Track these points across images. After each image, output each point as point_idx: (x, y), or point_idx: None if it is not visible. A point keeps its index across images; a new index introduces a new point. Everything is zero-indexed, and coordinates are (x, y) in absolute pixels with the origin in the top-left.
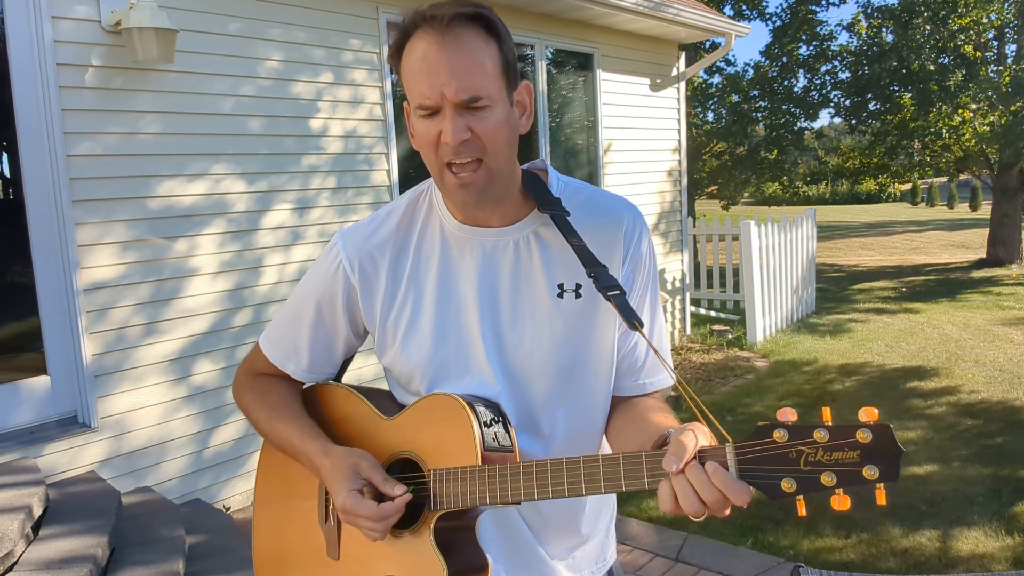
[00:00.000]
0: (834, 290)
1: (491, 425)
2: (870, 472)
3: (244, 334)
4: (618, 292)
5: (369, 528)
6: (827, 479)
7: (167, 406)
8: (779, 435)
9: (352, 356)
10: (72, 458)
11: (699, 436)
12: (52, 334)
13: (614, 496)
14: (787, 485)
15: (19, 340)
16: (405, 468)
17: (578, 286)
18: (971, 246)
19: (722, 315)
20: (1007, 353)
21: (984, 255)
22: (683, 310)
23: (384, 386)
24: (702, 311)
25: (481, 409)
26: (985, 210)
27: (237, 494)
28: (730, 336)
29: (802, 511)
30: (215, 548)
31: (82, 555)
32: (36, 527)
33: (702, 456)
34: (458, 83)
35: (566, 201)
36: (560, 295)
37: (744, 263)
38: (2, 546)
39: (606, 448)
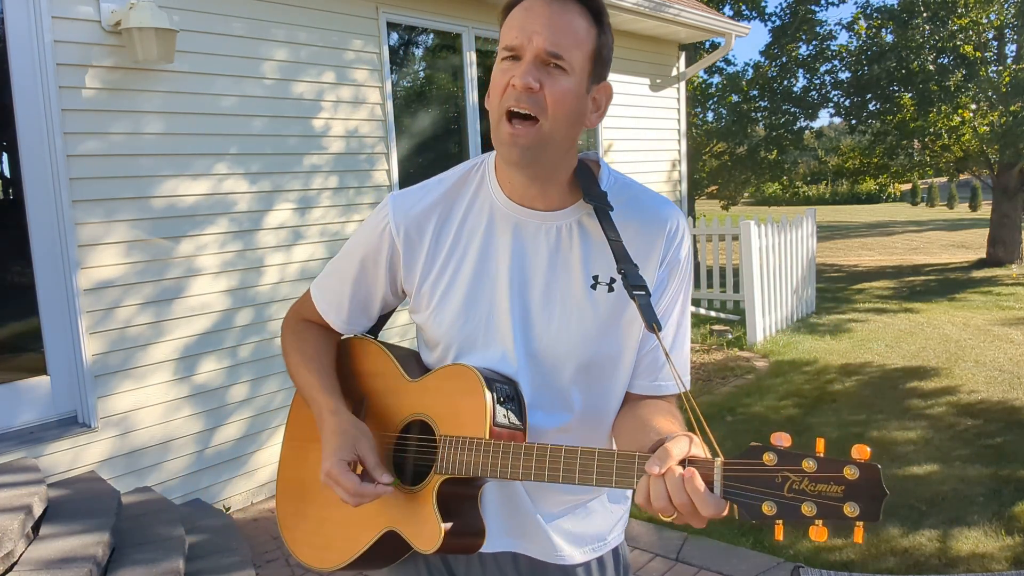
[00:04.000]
0: (834, 290)
1: (505, 403)
2: (850, 509)
3: (246, 333)
4: (643, 293)
5: (343, 497)
6: (807, 509)
7: (168, 406)
8: (768, 458)
9: (390, 314)
10: (72, 458)
11: (691, 446)
12: (52, 334)
13: None
14: (768, 508)
15: (19, 340)
16: (419, 430)
17: (612, 280)
18: (971, 246)
19: (722, 315)
20: (1007, 353)
21: (984, 255)
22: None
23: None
24: (702, 311)
25: (498, 386)
26: (985, 210)
27: (237, 494)
28: (730, 336)
29: (779, 535)
30: (215, 548)
31: (82, 555)
32: (36, 527)
33: (691, 464)
34: (547, 36)
35: (613, 196)
36: (594, 286)
37: (744, 263)
38: (2, 546)
39: (611, 441)
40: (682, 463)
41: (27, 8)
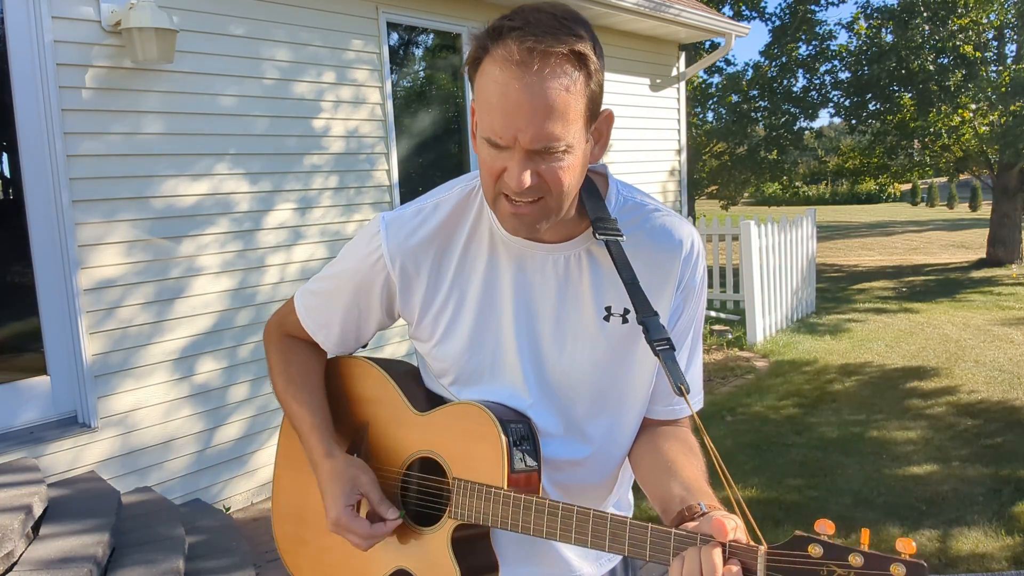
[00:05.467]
0: (834, 290)
1: (520, 444)
2: None
3: (246, 333)
4: (667, 347)
5: (356, 544)
6: None
7: (168, 406)
8: (814, 550)
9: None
10: (72, 458)
11: (735, 530)
12: (52, 334)
13: (630, 490)
14: None
15: (19, 340)
16: (425, 466)
17: (626, 311)
18: (971, 246)
19: (722, 315)
20: (1007, 353)
21: (984, 255)
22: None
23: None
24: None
25: (513, 427)
26: (985, 210)
27: (237, 494)
28: (730, 336)
29: None
30: (215, 548)
31: (82, 554)
32: (36, 526)
33: (732, 550)
34: (535, 131)
35: (623, 219)
36: (607, 318)
37: (744, 263)
38: (3, 545)
39: (627, 468)
40: (723, 547)
41: (27, 8)
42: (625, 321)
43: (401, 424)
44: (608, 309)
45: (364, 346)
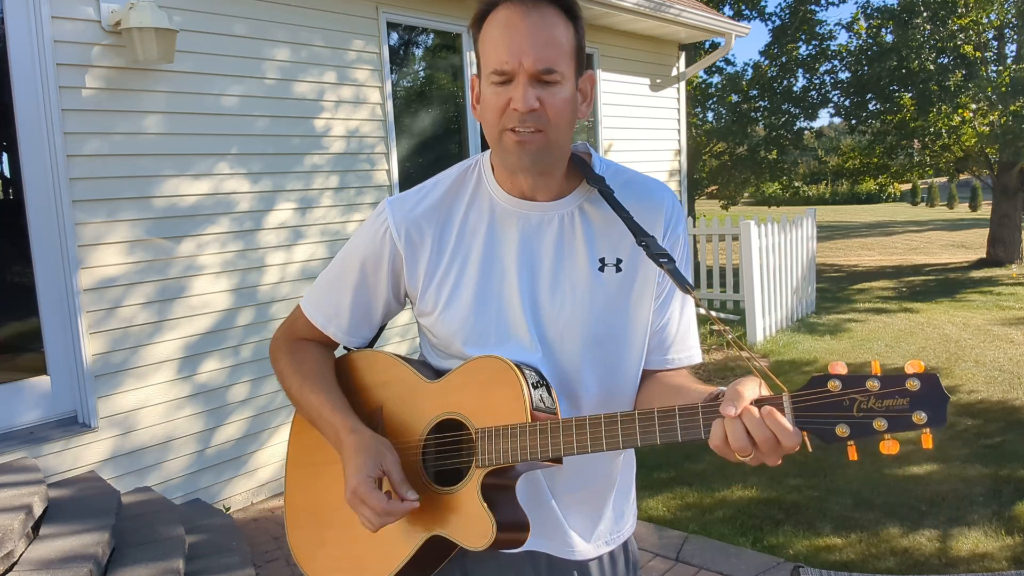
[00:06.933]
0: (834, 290)
1: (537, 387)
2: (919, 417)
3: (247, 333)
4: (667, 259)
5: (368, 518)
6: (879, 424)
7: (168, 406)
8: (833, 385)
9: (385, 325)
10: (72, 458)
11: (759, 387)
12: (52, 334)
13: (633, 476)
14: (841, 430)
15: (19, 340)
16: (449, 429)
17: (619, 261)
18: (971, 246)
19: (722, 315)
20: (1007, 353)
21: (984, 255)
22: (727, 332)
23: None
24: (702, 311)
25: (528, 372)
26: (985, 210)
27: (238, 494)
28: (730, 336)
29: (853, 455)
30: (215, 548)
31: (82, 554)
32: (36, 526)
33: (759, 403)
34: (536, 54)
35: (609, 180)
36: (601, 269)
37: (744, 263)
38: (3, 545)
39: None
40: (754, 403)
41: (27, 8)
42: (619, 270)
43: (416, 396)
44: (602, 260)
45: (375, 339)
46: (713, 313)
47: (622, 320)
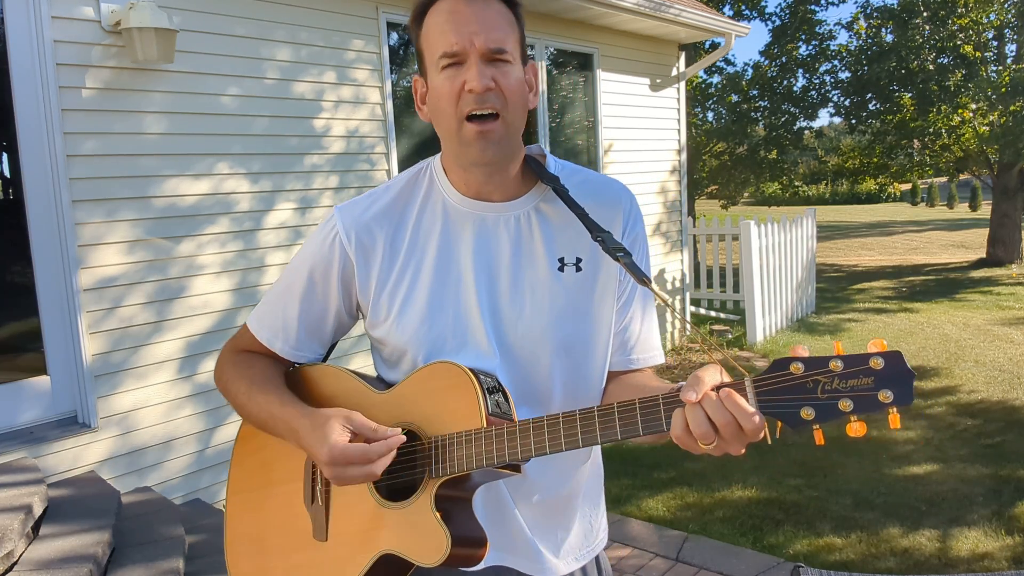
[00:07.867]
0: (834, 290)
1: (493, 392)
2: (885, 396)
3: None
4: (624, 253)
5: (361, 472)
6: (844, 405)
7: (168, 405)
8: (796, 367)
9: (336, 341)
10: (72, 458)
11: (720, 373)
12: (52, 334)
13: (602, 487)
14: (806, 413)
15: (19, 340)
16: (401, 445)
17: (579, 260)
18: (971, 246)
19: (722, 315)
20: (1007, 353)
21: (984, 255)
22: (683, 310)
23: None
24: (702, 311)
25: (483, 377)
26: (985, 210)
27: None
28: (730, 336)
29: (820, 439)
30: (215, 547)
31: (82, 554)
32: (36, 526)
33: (720, 388)
34: (487, 34)
35: (564, 180)
36: (561, 269)
37: (744, 263)
38: (3, 545)
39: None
40: (714, 389)
41: (27, 8)
42: (579, 270)
43: (366, 408)
44: (561, 260)
45: (327, 355)
46: (713, 313)
47: (585, 321)
